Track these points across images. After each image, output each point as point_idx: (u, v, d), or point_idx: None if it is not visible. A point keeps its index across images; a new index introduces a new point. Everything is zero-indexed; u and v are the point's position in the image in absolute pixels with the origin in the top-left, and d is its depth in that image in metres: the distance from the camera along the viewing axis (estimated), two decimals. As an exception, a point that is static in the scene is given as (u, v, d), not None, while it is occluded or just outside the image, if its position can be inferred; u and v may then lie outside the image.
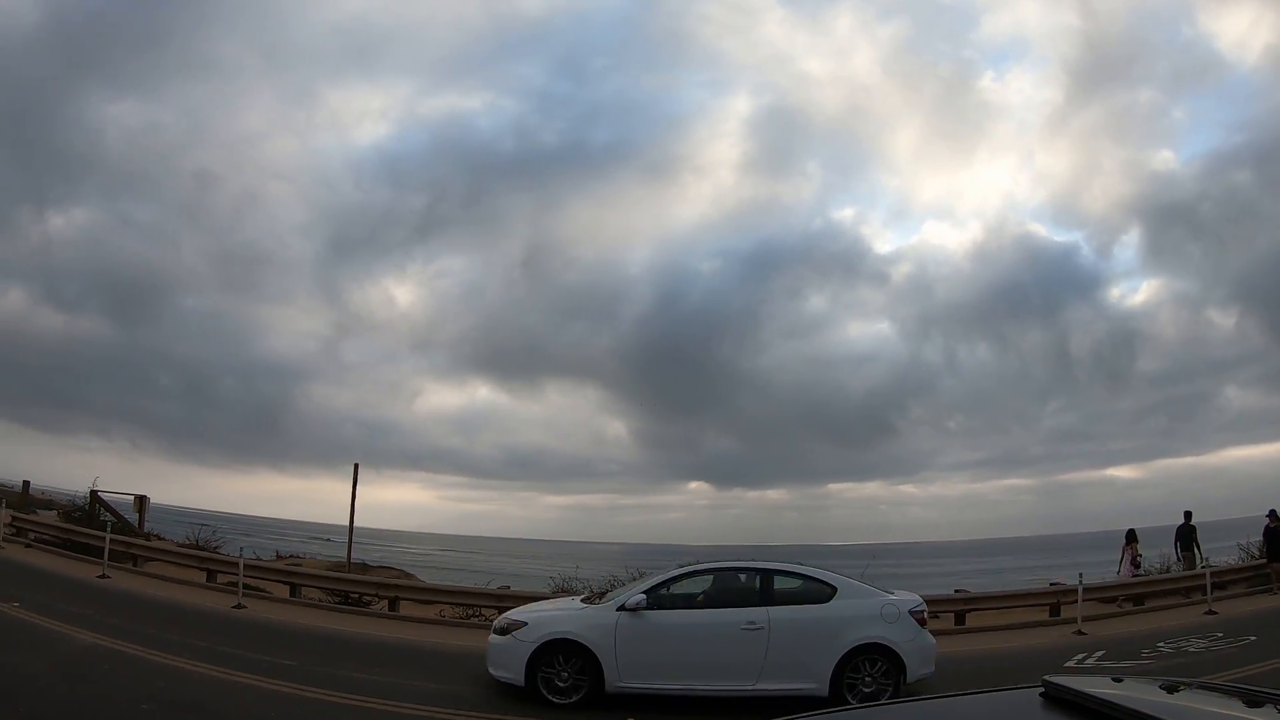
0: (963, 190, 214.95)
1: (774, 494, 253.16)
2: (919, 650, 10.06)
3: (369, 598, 18.38)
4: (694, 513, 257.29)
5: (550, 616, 10.65)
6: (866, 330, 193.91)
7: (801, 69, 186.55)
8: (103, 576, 17.32)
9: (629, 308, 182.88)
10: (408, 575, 23.32)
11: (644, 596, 10.22)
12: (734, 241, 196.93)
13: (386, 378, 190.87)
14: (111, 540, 18.86)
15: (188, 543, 22.32)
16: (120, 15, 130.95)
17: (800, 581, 10.56)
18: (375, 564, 25.02)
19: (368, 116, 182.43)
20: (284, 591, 18.25)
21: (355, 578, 19.52)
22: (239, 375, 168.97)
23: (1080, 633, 15.63)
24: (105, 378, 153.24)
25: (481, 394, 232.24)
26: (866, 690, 9.81)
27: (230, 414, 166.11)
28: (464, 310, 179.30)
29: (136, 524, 24.32)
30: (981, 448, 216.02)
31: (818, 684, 9.76)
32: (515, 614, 10.91)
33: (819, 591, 10.31)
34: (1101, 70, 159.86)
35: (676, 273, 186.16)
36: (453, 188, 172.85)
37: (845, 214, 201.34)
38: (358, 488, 21.80)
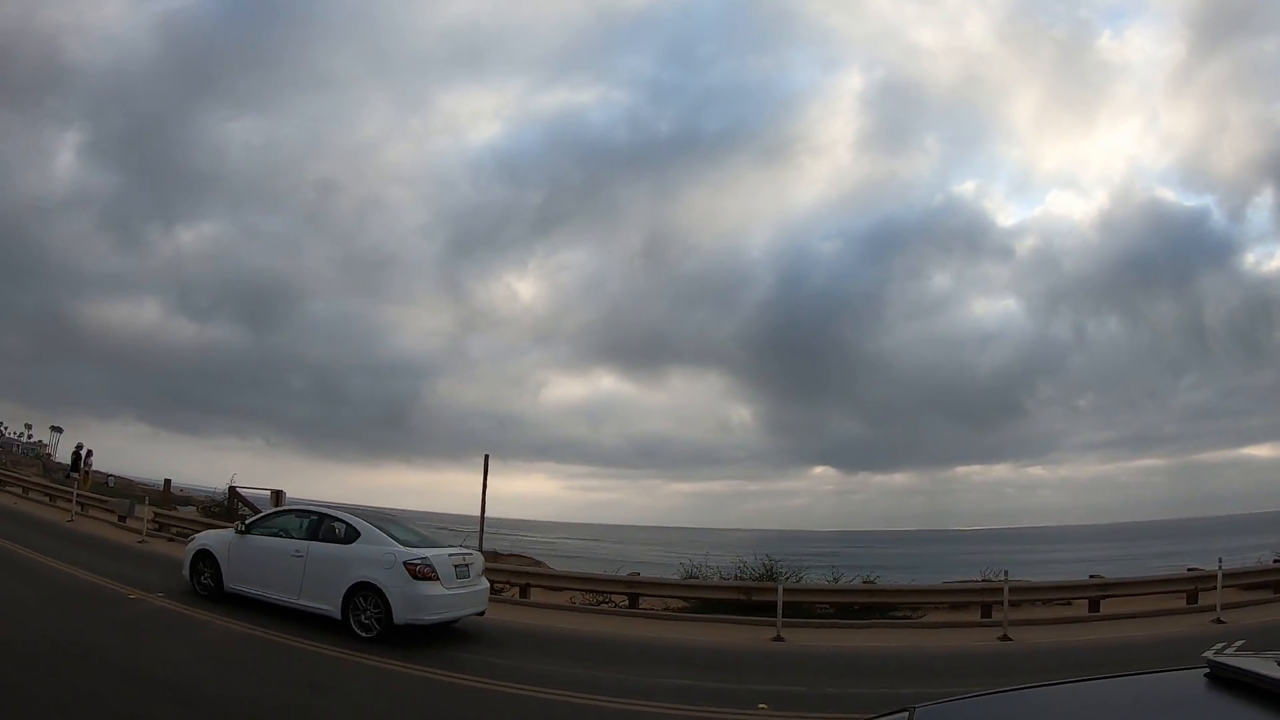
0: (1086, 157, 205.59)
1: (900, 478, 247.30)
2: (406, 597, 11.39)
3: (500, 585, 18.43)
4: (819, 498, 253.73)
5: (207, 534, 14.17)
6: (992, 308, 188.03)
7: (913, 40, 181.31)
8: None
9: (750, 293, 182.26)
10: (537, 563, 23.20)
11: (242, 524, 13.69)
12: (853, 221, 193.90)
13: (511, 371, 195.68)
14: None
15: (321, 534, 23.17)
16: (234, 37, 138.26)
17: (340, 526, 12.45)
18: (505, 552, 24.93)
19: (481, 117, 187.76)
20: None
21: (486, 565, 19.91)
22: (368, 374, 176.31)
23: (1219, 621, 14.90)
24: (239, 381, 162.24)
25: (605, 384, 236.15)
26: (364, 620, 11.45)
27: (360, 411, 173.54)
28: (586, 302, 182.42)
29: (272, 518, 25.53)
30: (1112, 427, 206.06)
31: (333, 608, 11.67)
32: (199, 534, 14.67)
33: (348, 535, 12.25)
34: (1224, 20, 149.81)
35: (796, 255, 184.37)
36: (569, 182, 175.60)
37: (966, 188, 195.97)
38: (488, 478, 22.45)
